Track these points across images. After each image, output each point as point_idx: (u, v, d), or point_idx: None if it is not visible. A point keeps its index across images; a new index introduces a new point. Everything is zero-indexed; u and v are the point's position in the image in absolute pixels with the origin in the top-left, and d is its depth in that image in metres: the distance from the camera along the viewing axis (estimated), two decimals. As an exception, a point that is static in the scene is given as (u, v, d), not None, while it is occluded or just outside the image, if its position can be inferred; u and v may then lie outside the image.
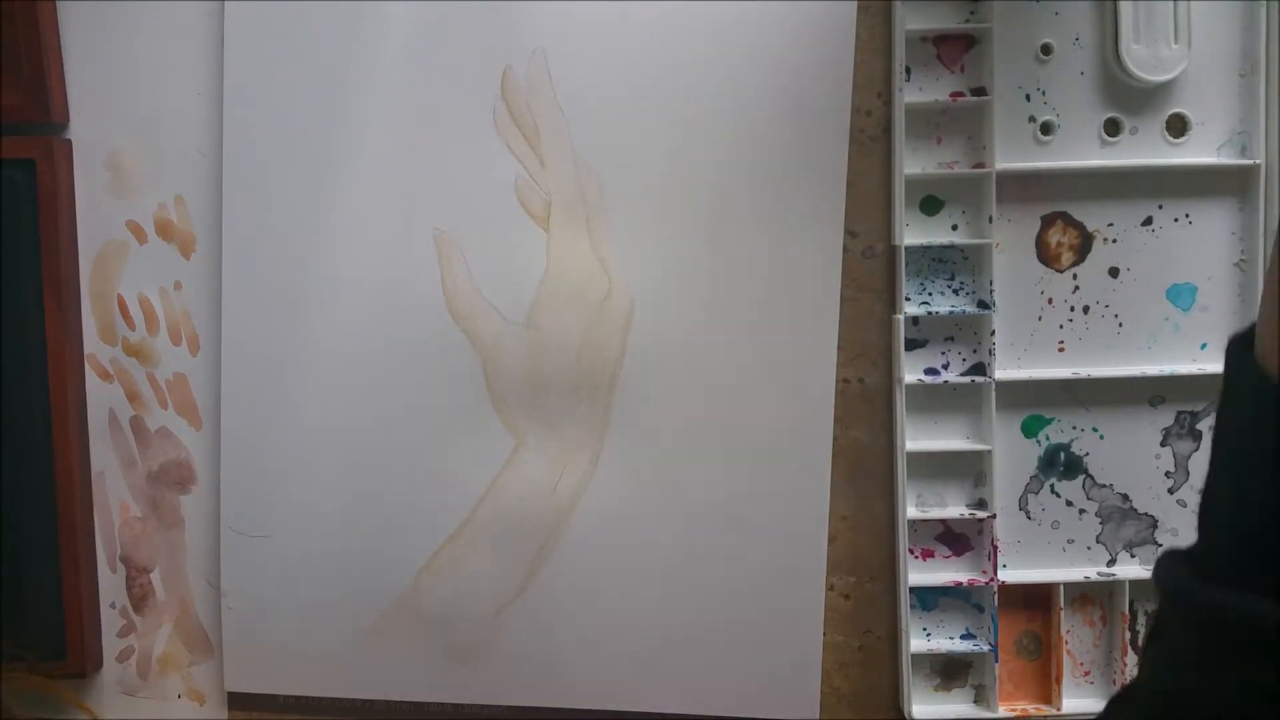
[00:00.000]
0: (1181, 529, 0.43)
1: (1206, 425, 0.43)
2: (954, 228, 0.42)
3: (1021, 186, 0.42)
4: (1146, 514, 0.43)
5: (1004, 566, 0.43)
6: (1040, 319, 0.43)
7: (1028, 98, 0.42)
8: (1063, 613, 0.43)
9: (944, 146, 0.42)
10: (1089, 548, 0.43)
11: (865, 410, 0.43)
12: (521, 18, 0.41)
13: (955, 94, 0.41)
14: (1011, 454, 0.43)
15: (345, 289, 0.42)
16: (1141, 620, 0.43)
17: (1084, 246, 0.42)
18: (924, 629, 0.43)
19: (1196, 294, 0.42)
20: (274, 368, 0.43)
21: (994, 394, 0.42)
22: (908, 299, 0.42)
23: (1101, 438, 0.43)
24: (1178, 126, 0.42)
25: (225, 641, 0.44)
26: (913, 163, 0.42)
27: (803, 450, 0.42)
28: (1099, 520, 0.43)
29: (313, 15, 0.41)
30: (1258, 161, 0.41)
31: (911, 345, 0.43)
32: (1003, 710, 0.43)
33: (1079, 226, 0.42)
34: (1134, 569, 0.43)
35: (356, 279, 0.42)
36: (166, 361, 0.44)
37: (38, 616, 0.43)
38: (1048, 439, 0.43)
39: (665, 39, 0.41)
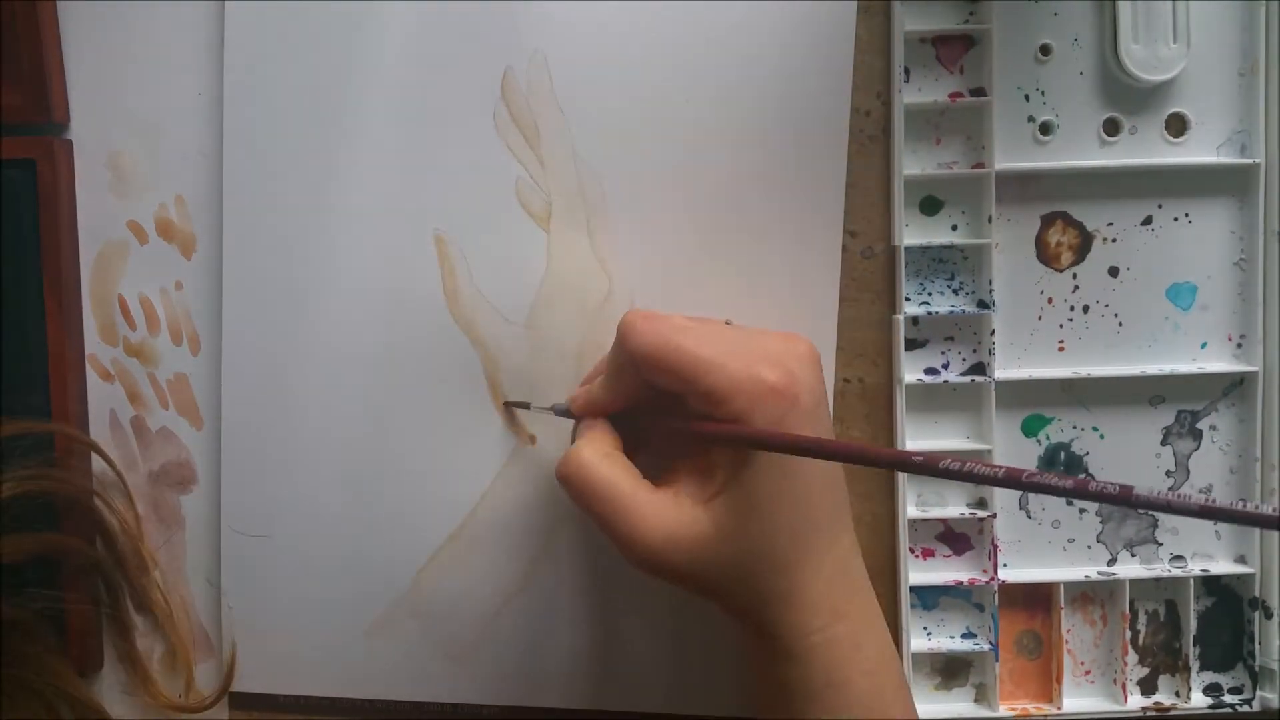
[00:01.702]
0: (1181, 528, 0.43)
1: (1207, 424, 0.43)
2: (953, 228, 0.43)
3: (1021, 186, 0.42)
4: (1147, 513, 0.43)
5: (1004, 566, 0.43)
6: (1040, 319, 0.43)
7: (1027, 98, 0.42)
8: (1063, 612, 0.43)
9: (943, 147, 0.42)
10: (1089, 547, 0.43)
11: (865, 410, 0.43)
12: (521, 19, 0.41)
13: (954, 94, 0.42)
14: (1012, 453, 0.43)
15: (346, 289, 0.42)
16: (1142, 620, 0.43)
17: (1083, 246, 0.42)
18: (924, 628, 0.43)
19: (1197, 293, 0.42)
20: (274, 368, 0.43)
21: (994, 394, 0.42)
22: (907, 299, 0.42)
23: (1102, 437, 0.43)
24: (1177, 126, 0.42)
25: (226, 641, 0.44)
26: (912, 163, 0.42)
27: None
28: (1099, 519, 0.43)
29: (313, 15, 0.41)
30: (1257, 161, 0.41)
31: (911, 345, 0.43)
32: (1003, 709, 0.43)
33: (1078, 226, 0.42)
34: (1135, 568, 0.43)
35: (357, 279, 0.42)
36: (167, 361, 0.44)
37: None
38: (1048, 438, 0.43)
39: (665, 40, 0.41)
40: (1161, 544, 0.43)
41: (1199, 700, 0.43)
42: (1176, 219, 0.42)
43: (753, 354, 0.34)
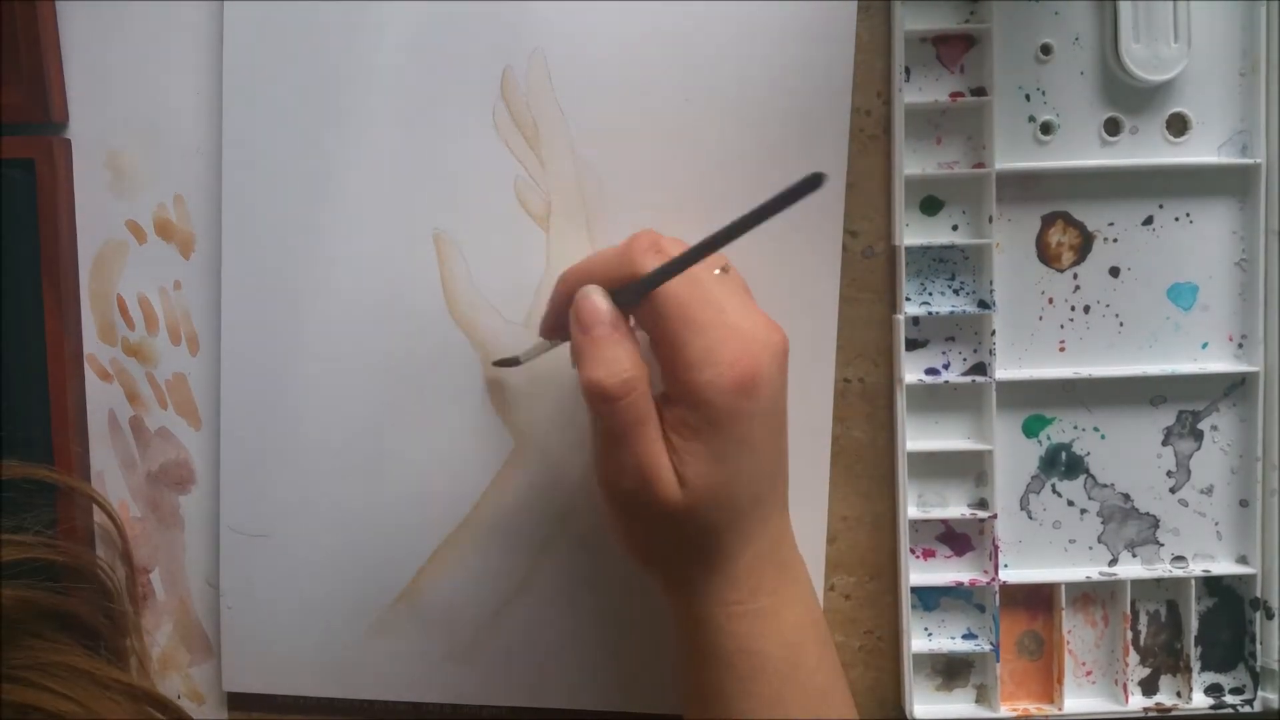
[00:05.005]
0: (1182, 528, 0.43)
1: (1208, 425, 0.43)
2: (954, 228, 0.42)
3: (1021, 186, 0.42)
4: (1148, 514, 0.43)
5: (1005, 566, 0.43)
6: (1041, 319, 0.42)
7: (1027, 98, 0.42)
8: (1064, 612, 0.43)
9: (944, 147, 0.42)
10: (1090, 547, 0.43)
11: (865, 410, 0.43)
12: (521, 18, 0.41)
13: (955, 94, 0.41)
14: (1012, 454, 0.43)
15: (345, 289, 0.42)
16: (1144, 620, 0.43)
17: (1084, 246, 0.42)
18: (925, 629, 0.43)
19: (1197, 293, 0.42)
20: (274, 368, 0.43)
21: (994, 394, 0.42)
22: (908, 299, 0.42)
23: (1103, 437, 0.43)
24: (1178, 126, 0.42)
25: (224, 641, 0.44)
26: (912, 163, 0.42)
27: (803, 450, 0.42)
28: (1100, 520, 0.43)
29: (312, 15, 0.41)
30: (1258, 161, 0.41)
31: (912, 345, 0.43)
32: (1004, 710, 0.43)
33: (1079, 226, 0.42)
34: (1136, 569, 0.43)
35: (356, 279, 0.42)
36: (166, 361, 0.44)
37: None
38: (1049, 439, 0.43)
39: (665, 39, 0.41)
40: (1163, 544, 0.43)
41: (1200, 700, 0.43)
42: (1177, 219, 0.42)
43: (739, 339, 0.34)
